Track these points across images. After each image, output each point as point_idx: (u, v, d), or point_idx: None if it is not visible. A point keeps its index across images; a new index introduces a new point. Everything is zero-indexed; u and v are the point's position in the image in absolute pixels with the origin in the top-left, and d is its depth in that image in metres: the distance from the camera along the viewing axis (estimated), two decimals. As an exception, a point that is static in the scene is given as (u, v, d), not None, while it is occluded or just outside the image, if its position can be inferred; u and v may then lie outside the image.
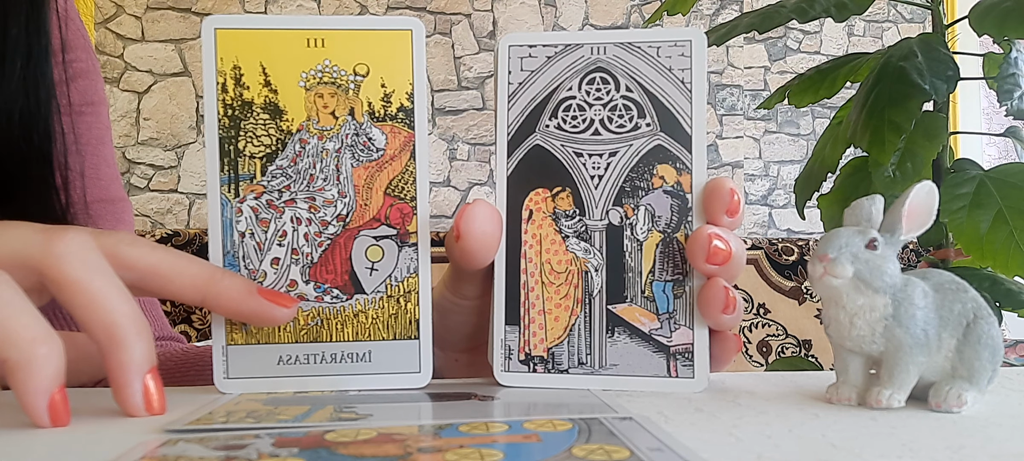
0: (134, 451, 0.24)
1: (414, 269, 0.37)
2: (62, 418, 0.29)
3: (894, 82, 0.63)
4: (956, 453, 0.25)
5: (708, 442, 0.26)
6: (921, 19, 2.25)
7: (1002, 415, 0.30)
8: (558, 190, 0.37)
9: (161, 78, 2.03)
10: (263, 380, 0.36)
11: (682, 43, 0.37)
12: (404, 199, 0.37)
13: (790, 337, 1.64)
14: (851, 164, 0.73)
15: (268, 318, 0.35)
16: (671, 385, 0.36)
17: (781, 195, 2.22)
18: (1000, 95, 0.65)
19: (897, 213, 0.33)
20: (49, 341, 0.28)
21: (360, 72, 0.36)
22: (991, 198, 0.63)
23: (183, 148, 2.04)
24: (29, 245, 0.30)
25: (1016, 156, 0.78)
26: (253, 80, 0.36)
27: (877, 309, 0.32)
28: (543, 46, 0.38)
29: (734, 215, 0.35)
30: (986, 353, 0.31)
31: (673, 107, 0.37)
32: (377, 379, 0.36)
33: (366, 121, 0.37)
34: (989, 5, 0.62)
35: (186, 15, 2.04)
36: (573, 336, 0.37)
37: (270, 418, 0.29)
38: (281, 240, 0.36)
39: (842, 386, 0.33)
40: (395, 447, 0.24)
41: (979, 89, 2.15)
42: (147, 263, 0.33)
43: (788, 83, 0.78)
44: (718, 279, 0.35)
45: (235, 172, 0.36)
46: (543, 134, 0.38)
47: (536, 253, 0.37)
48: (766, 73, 2.22)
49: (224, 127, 0.36)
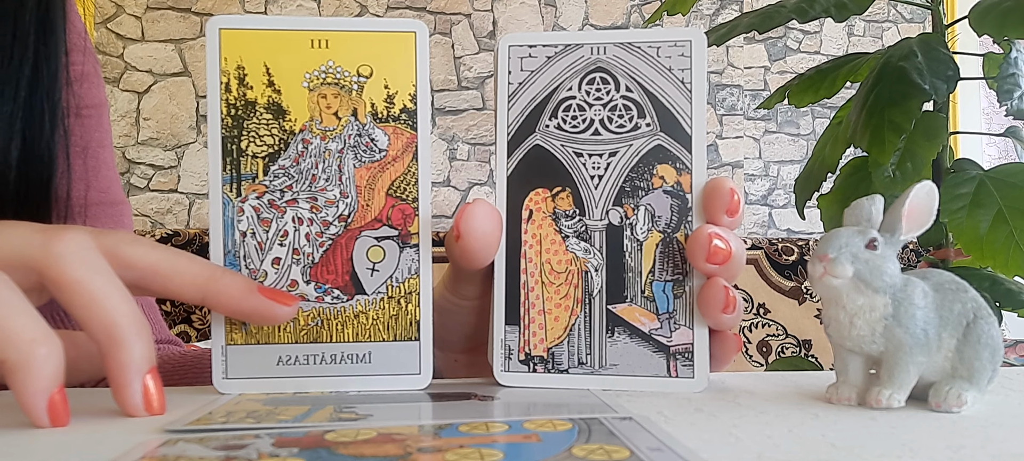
0: (134, 451, 0.24)
1: (415, 270, 0.37)
2: (62, 418, 0.29)
3: (894, 82, 0.63)
4: (956, 453, 0.25)
5: (708, 442, 0.26)
6: (921, 19, 2.25)
7: (1002, 415, 0.30)
8: (558, 190, 0.37)
9: (161, 78, 2.03)
10: (262, 380, 0.36)
11: (682, 43, 0.37)
12: (406, 200, 0.37)
13: (790, 337, 1.64)
14: (851, 164, 0.73)
15: (268, 316, 0.35)
16: (671, 385, 0.36)
17: (781, 195, 2.22)
18: (1000, 95, 0.65)
19: (897, 213, 0.33)
20: (48, 341, 0.28)
21: (364, 73, 0.36)
22: (991, 198, 0.63)
23: (183, 148, 2.04)
24: (29, 245, 0.30)
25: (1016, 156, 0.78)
26: (257, 80, 0.36)
27: (877, 309, 0.32)
28: (543, 46, 0.38)
29: (734, 215, 0.35)
30: (986, 353, 0.31)
31: (673, 107, 0.37)
32: (377, 380, 0.36)
33: (369, 122, 0.37)
34: (989, 5, 0.62)
35: (186, 15, 2.04)
36: (573, 336, 0.37)
37: (270, 418, 0.29)
38: (282, 240, 0.36)
39: (842, 386, 0.33)
40: (395, 447, 0.24)
41: (979, 89, 2.15)
42: (147, 262, 0.33)
43: (788, 83, 0.78)
44: (718, 279, 0.35)
45: (237, 171, 0.36)
46: (543, 134, 0.38)
47: (536, 253, 0.37)
48: (766, 73, 2.22)
49: (227, 126, 0.36)
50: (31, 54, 0.44)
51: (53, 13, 0.46)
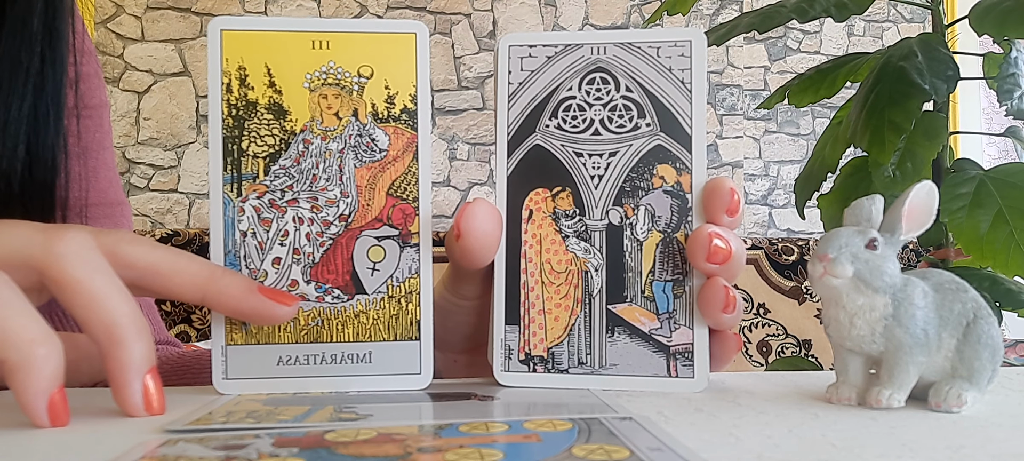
0: (134, 451, 0.24)
1: (415, 270, 0.37)
2: (61, 418, 0.29)
3: (894, 82, 0.63)
4: (956, 453, 0.25)
5: (708, 442, 0.26)
6: (921, 19, 2.25)
7: (1002, 415, 0.30)
8: (558, 190, 0.37)
9: (161, 78, 2.03)
10: (263, 381, 0.36)
11: (682, 43, 0.37)
12: (406, 200, 0.37)
13: (790, 337, 1.64)
14: (851, 164, 0.73)
15: (269, 316, 0.35)
16: (671, 385, 0.36)
17: (781, 195, 2.22)
18: (1000, 95, 0.65)
19: (897, 213, 0.33)
20: (48, 342, 0.28)
21: (364, 74, 0.36)
22: (991, 198, 0.63)
23: (183, 148, 2.04)
24: (30, 244, 0.30)
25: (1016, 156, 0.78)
26: (258, 81, 0.36)
27: (877, 309, 0.32)
28: (543, 46, 0.38)
29: (734, 214, 0.35)
30: (986, 353, 0.31)
31: (673, 107, 0.37)
32: (377, 380, 0.36)
33: (370, 122, 0.37)
34: (989, 5, 0.62)
35: (186, 15, 2.04)
36: (573, 336, 0.37)
37: (270, 418, 0.29)
38: (283, 240, 0.36)
39: (842, 386, 0.33)
40: (395, 447, 0.24)
41: (979, 89, 2.15)
42: (147, 262, 0.33)
43: (788, 83, 0.78)
44: (718, 279, 0.35)
45: (238, 171, 0.36)
46: (543, 134, 0.38)
47: (536, 253, 0.37)
48: (766, 73, 2.22)
49: (228, 127, 0.36)
50: (38, 60, 0.45)
51: (60, 19, 0.46)
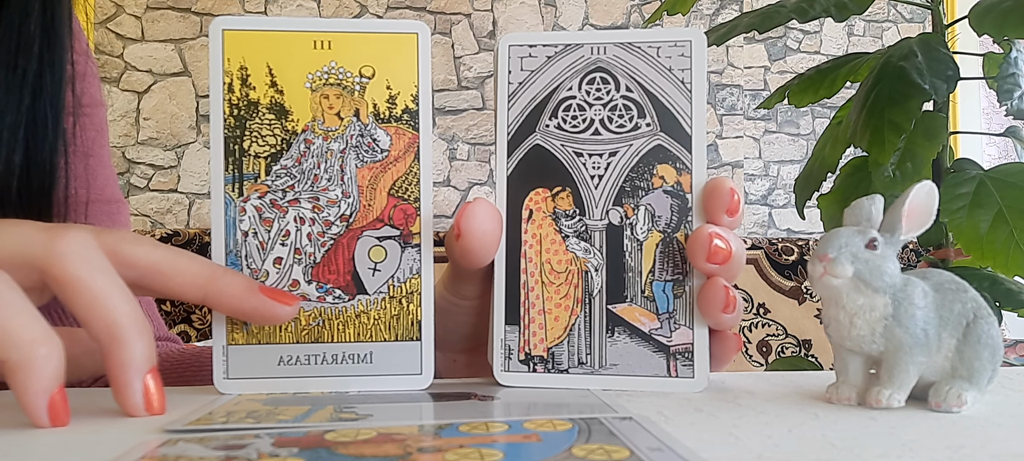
0: (134, 451, 0.24)
1: (416, 270, 0.37)
2: (62, 418, 0.29)
3: (894, 82, 0.63)
4: (956, 453, 0.25)
5: (708, 442, 0.26)
6: (921, 19, 2.25)
7: (1002, 415, 0.30)
8: (558, 190, 0.37)
9: (161, 78, 2.03)
10: (263, 380, 0.36)
11: (682, 43, 0.37)
12: (407, 200, 0.37)
13: (790, 337, 1.64)
14: (851, 164, 0.73)
15: (270, 316, 0.35)
16: (671, 385, 0.36)
17: (781, 195, 2.22)
18: (1000, 95, 0.65)
19: (897, 213, 0.33)
20: (48, 341, 0.28)
21: (366, 74, 0.37)
22: (991, 198, 0.63)
23: (183, 148, 2.04)
24: (31, 244, 0.30)
25: (1016, 156, 0.78)
26: (259, 81, 0.36)
27: (877, 309, 0.32)
28: (543, 46, 0.38)
29: (734, 214, 0.35)
30: (986, 353, 0.31)
31: (673, 107, 0.37)
32: (378, 380, 0.36)
33: (371, 122, 0.37)
34: (989, 5, 0.62)
35: (186, 15, 2.04)
36: (573, 336, 0.37)
37: (270, 418, 0.29)
38: (284, 239, 0.36)
39: (842, 386, 0.33)
40: (395, 447, 0.24)
41: (979, 89, 2.15)
42: (148, 261, 0.33)
43: (788, 83, 0.78)
44: (718, 279, 0.35)
45: (239, 171, 0.36)
46: (543, 134, 0.38)
47: (536, 253, 0.37)
48: (766, 73, 2.21)
49: (229, 126, 0.36)
50: (35, 63, 0.44)
51: (57, 21, 0.46)
